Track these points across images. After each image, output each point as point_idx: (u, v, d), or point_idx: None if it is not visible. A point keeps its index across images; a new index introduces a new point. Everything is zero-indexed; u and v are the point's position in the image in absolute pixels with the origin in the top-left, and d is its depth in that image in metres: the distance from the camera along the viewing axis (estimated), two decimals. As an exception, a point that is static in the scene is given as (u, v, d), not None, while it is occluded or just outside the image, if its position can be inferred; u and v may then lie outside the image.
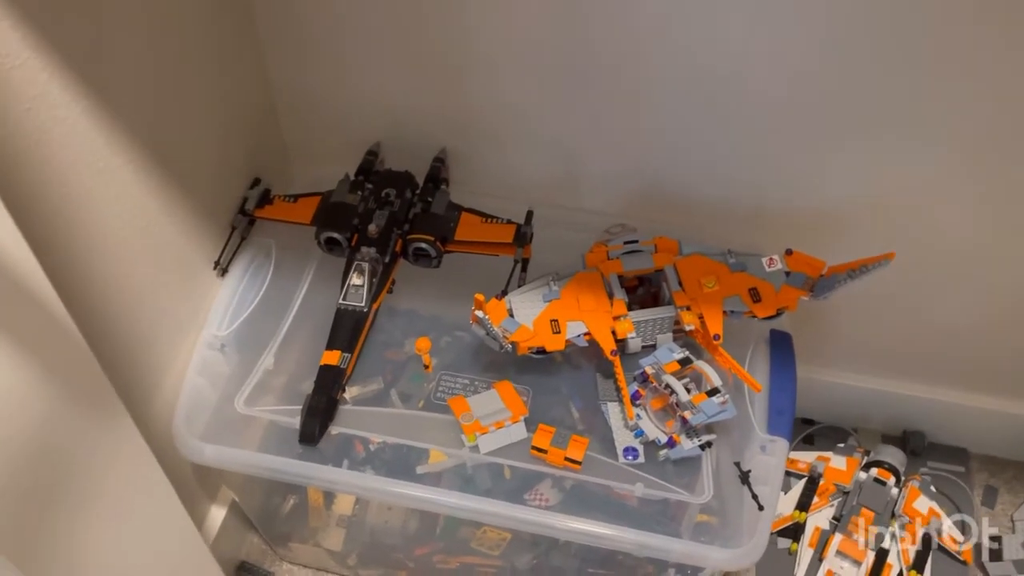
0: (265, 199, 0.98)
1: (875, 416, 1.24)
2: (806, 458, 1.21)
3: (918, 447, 1.24)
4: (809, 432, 1.25)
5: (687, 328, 0.86)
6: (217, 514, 1.06)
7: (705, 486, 0.83)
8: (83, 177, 0.69)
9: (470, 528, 0.97)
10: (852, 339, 1.15)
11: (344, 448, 0.88)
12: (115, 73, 0.71)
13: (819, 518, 1.15)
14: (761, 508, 0.80)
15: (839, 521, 1.14)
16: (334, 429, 0.86)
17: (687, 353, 0.84)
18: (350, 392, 0.90)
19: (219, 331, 0.92)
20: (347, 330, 0.89)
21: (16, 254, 0.38)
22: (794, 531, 1.15)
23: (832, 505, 1.16)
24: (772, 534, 1.16)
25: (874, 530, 1.12)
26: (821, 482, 1.17)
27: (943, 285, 1.04)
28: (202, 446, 0.84)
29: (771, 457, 0.85)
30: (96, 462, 0.48)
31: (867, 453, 1.20)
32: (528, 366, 0.92)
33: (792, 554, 1.13)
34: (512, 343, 0.84)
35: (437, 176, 1.00)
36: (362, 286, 0.91)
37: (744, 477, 0.82)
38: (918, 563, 1.10)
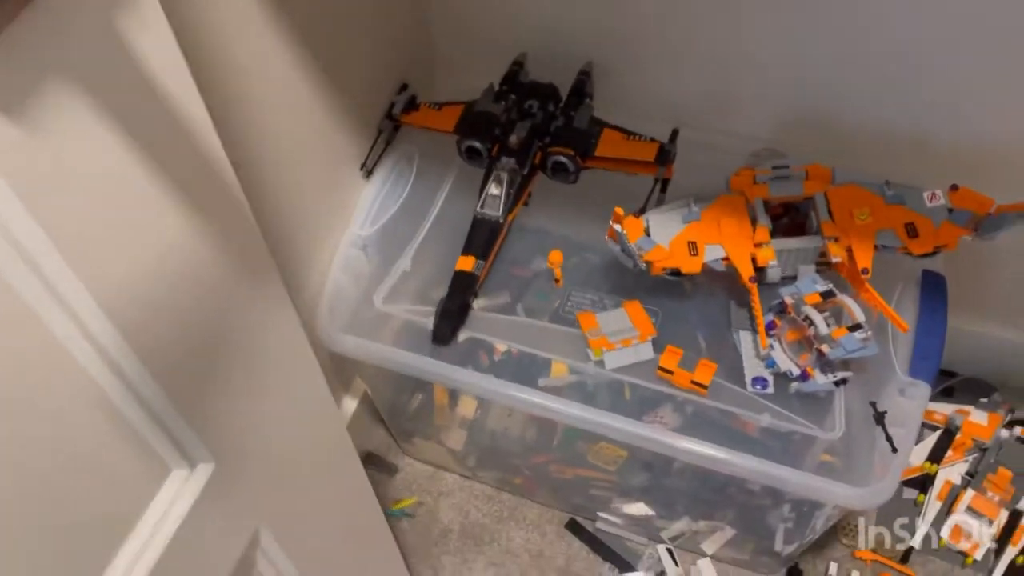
0: (411, 105, 1.00)
1: (1025, 374, 1.16)
2: (944, 410, 1.15)
3: (1072, 411, 1.16)
4: (949, 384, 1.19)
5: (833, 260, 0.82)
6: (349, 405, 1.12)
7: (836, 423, 0.81)
8: (245, 57, 0.72)
9: (586, 442, 0.99)
10: (1010, 289, 1.07)
11: (470, 353, 0.91)
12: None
13: (951, 472, 1.10)
14: (895, 450, 0.77)
15: (973, 477, 1.09)
16: (463, 334, 0.89)
17: (831, 286, 0.81)
18: (477, 303, 0.92)
19: (362, 231, 0.95)
20: (482, 238, 0.91)
21: (198, 117, 0.41)
22: (923, 482, 1.11)
23: (967, 460, 1.11)
24: (900, 483, 1.12)
25: (1011, 490, 1.06)
26: (958, 436, 1.11)
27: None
28: (343, 337, 0.89)
29: (910, 400, 0.81)
30: (255, 331, 0.52)
31: (1011, 411, 1.13)
32: (657, 290, 0.92)
33: (918, 505, 1.09)
34: (647, 262, 0.83)
35: (582, 90, 0.99)
36: (499, 196, 0.92)
37: (879, 417, 0.79)
38: (1057, 529, 1.05)
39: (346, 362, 1.02)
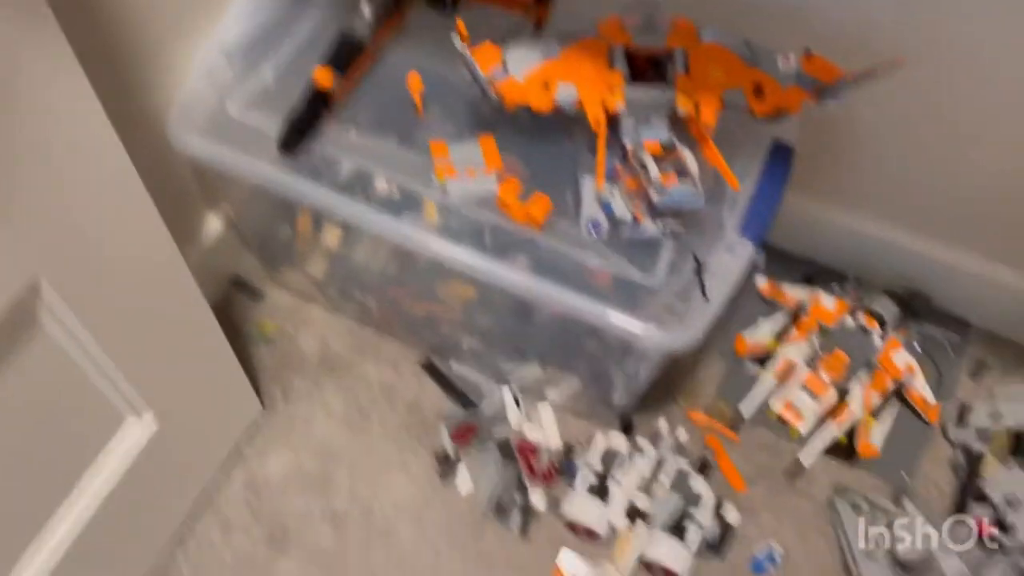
0: (295, -86, 0.96)
1: (882, 269, 1.20)
2: (797, 295, 1.19)
3: (920, 309, 1.20)
4: (810, 273, 1.23)
5: (680, 113, 0.83)
6: (216, 225, 1.12)
7: (660, 271, 0.84)
8: None
9: (440, 279, 1.00)
10: (874, 183, 1.10)
11: (350, 184, 0.90)
12: None
13: (794, 351, 1.15)
14: (707, 299, 0.81)
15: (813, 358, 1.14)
16: (345, 165, 0.88)
17: (673, 137, 0.82)
18: (361, 139, 0.90)
19: (228, 36, 0.93)
20: (344, 54, 0.89)
21: None
22: (767, 360, 1.16)
23: (810, 343, 1.16)
24: (744, 359, 1.17)
25: (844, 373, 1.12)
26: (804, 318, 1.16)
27: (981, 137, 0.97)
28: (191, 138, 0.87)
29: (735, 258, 0.84)
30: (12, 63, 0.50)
31: (860, 300, 1.18)
32: (527, 132, 0.91)
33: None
34: (499, 95, 0.83)
35: (471, -84, 0.96)
36: (367, 16, 0.90)
37: (698, 269, 0.82)
38: (878, 411, 1.11)
39: (210, 182, 1.02)
